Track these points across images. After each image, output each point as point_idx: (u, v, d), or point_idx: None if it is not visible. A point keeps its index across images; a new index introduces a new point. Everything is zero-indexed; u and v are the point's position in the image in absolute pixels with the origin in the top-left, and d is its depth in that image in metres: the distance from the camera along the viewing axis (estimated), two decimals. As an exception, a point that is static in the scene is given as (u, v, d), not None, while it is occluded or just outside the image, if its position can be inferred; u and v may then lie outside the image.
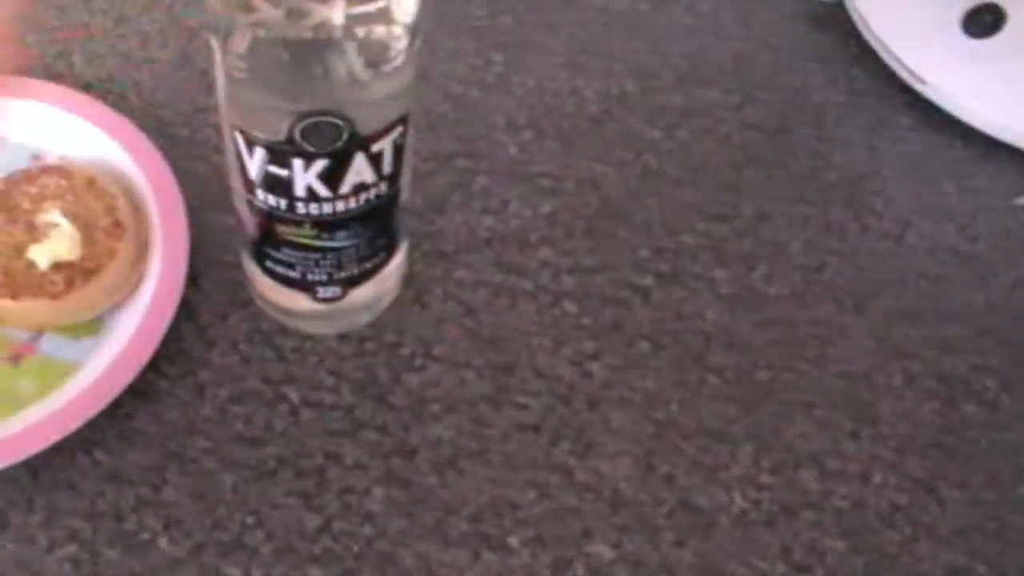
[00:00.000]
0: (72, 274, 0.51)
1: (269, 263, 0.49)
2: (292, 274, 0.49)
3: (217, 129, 0.60)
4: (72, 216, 0.52)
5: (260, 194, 0.45)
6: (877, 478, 0.52)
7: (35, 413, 0.48)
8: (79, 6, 0.66)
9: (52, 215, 0.52)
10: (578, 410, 0.53)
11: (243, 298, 0.54)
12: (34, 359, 0.51)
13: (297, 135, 0.41)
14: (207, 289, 0.54)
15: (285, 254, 0.48)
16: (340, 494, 0.49)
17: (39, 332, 0.52)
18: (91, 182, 0.53)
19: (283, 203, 0.45)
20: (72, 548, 0.47)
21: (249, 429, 0.51)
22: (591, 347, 0.55)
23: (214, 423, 0.51)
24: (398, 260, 0.52)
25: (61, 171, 0.54)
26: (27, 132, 0.58)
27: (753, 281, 0.58)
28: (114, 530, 0.48)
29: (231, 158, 0.45)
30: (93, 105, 0.58)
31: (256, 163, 0.43)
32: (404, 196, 0.48)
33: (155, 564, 0.47)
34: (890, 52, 0.65)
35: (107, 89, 0.61)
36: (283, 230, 0.46)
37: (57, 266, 0.51)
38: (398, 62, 0.41)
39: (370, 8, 0.39)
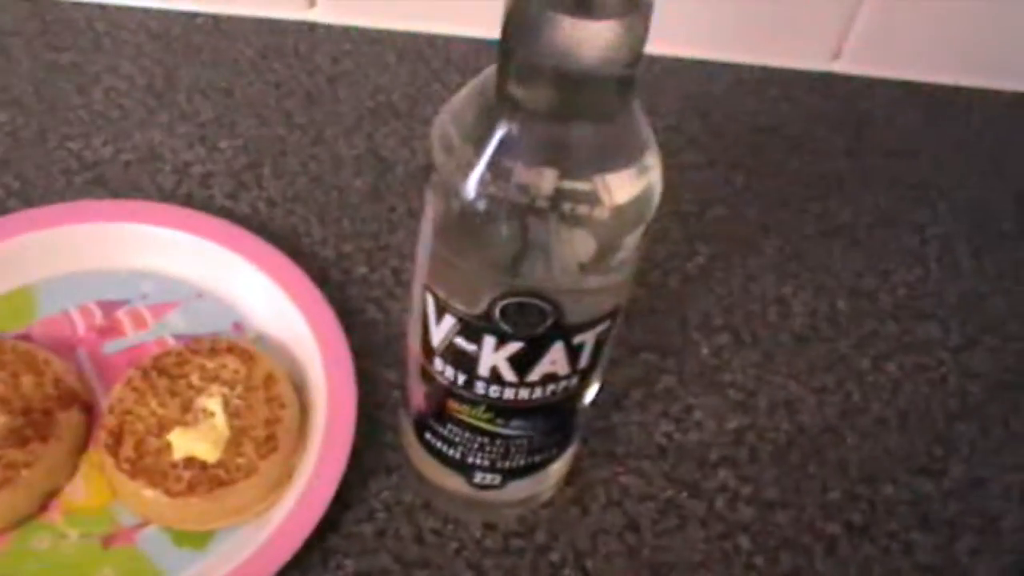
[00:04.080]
0: (200, 478, 0.45)
1: (429, 436, 0.44)
2: (452, 453, 0.44)
3: (396, 273, 0.56)
4: (231, 413, 0.47)
5: (439, 364, 0.40)
6: None
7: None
8: (278, 117, 0.64)
9: (212, 403, 0.48)
10: (738, 667, 0.46)
11: (390, 463, 0.50)
12: (126, 551, 0.45)
13: (496, 312, 0.36)
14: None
15: (450, 431, 0.43)
16: None
17: (145, 522, 0.46)
18: (269, 379, 0.49)
19: (462, 379, 0.40)
20: None
21: (369, 613, 0.45)
22: (762, 595, 0.48)
23: (332, 599, 0.45)
24: (566, 459, 0.47)
25: (244, 355, 0.49)
26: (234, 295, 0.54)
27: (956, 553, 0.50)
28: None
29: (415, 318, 0.41)
30: (305, 287, 0.53)
31: (442, 331, 0.39)
32: (590, 394, 0.43)
33: None
34: None
35: (290, 210, 0.58)
36: (454, 406, 0.42)
37: (190, 461, 0.46)
38: (623, 257, 0.36)
39: (600, 195, 0.34)
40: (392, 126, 0.64)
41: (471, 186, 0.34)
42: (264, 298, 0.53)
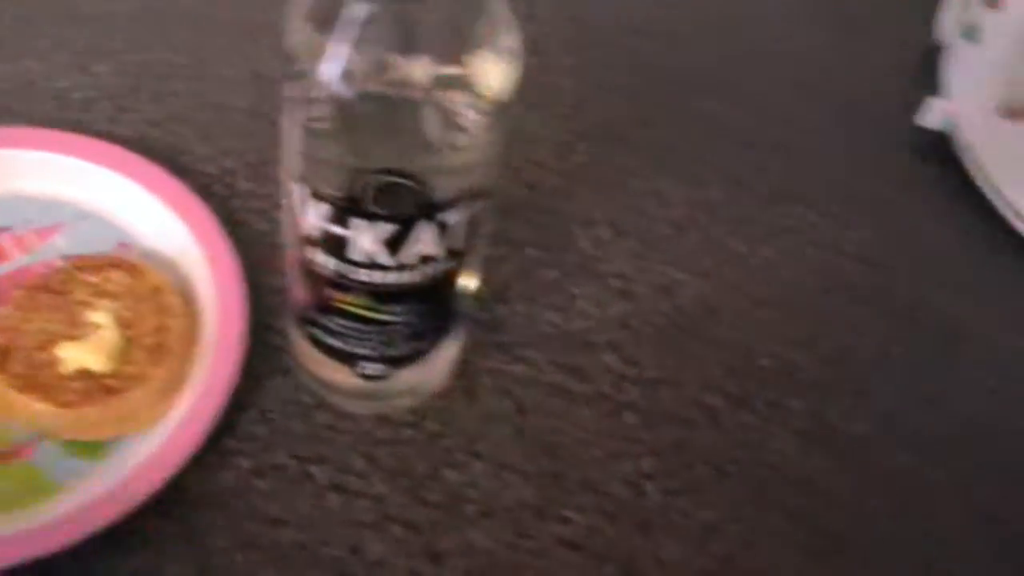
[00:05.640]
0: (92, 388, 0.46)
1: (315, 331, 0.45)
2: (338, 345, 0.45)
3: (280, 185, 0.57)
4: (122, 323, 0.48)
5: (314, 253, 0.41)
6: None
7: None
8: (159, 41, 0.64)
9: (99, 316, 0.48)
10: (627, 533, 0.48)
11: (282, 366, 0.51)
12: (22, 465, 0.46)
13: (364, 194, 0.37)
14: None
15: (333, 323, 0.44)
16: (356, 592, 0.45)
17: (41, 436, 0.47)
18: (156, 290, 0.49)
19: (338, 266, 0.41)
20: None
21: (269, 506, 0.46)
22: (648, 465, 0.50)
23: (232, 495, 0.47)
24: (451, 346, 0.49)
25: (132, 269, 0.50)
26: (118, 214, 0.54)
27: (829, 418, 0.53)
28: (106, 599, 0.43)
29: (287, 212, 0.42)
30: (188, 201, 0.53)
31: (314, 219, 0.40)
32: (470, 282, 0.45)
33: (144, 644, 0.43)
34: (996, 191, 0.61)
35: (172, 130, 0.59)
36: (334, 296, 0.43)
37: (81, 373, 0.46)
38: (480, 132, 0.37)
39: (454, 72, 0.35)
40: (271, 43, 0.64)
41: (329, 75, 0.35)
42: (148, 215, 0.53)
